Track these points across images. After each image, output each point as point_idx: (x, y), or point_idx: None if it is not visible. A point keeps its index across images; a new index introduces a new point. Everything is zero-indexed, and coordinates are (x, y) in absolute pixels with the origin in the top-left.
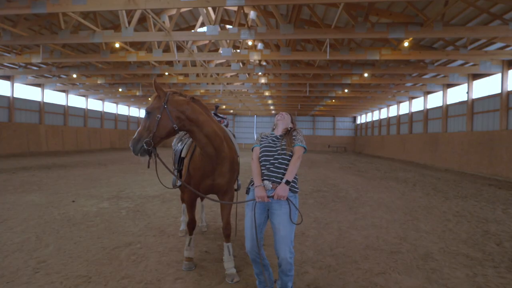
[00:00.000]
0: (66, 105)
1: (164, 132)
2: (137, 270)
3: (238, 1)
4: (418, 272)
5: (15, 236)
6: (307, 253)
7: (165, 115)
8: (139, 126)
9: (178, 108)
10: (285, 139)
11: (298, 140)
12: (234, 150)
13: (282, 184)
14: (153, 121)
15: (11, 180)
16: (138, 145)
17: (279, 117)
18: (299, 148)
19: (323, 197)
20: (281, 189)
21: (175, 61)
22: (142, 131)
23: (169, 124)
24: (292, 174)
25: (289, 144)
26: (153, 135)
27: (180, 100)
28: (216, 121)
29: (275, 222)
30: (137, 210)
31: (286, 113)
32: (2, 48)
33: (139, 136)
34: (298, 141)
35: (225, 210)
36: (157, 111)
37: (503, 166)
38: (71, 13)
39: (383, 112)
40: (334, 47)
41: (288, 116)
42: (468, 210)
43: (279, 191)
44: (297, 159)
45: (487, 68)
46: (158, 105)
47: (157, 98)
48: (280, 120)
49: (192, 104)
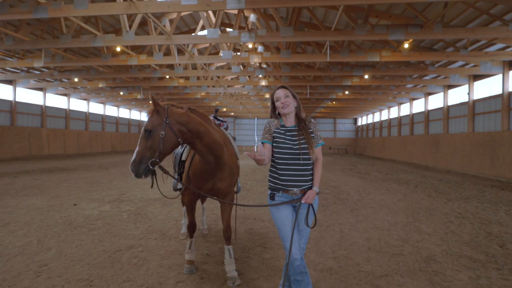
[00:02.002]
0: (68, 109)
1: (170, 148)
2: (139, 274)
3: (238, 4)
4: (420, 275)
5: (17, 240)
6: (309, 256)
7: (169, 130)
8: (137, 146)
9: (179, 121)
10: (303, 134)
11: (317, 137)
12: (234, 154)
13: (313, 191)
14: (157, 139)
15: (13, 184)
16: (142, 166)
17: (283, 104)
18: (320, 150)
19: (325, 199)
20: (313, 196)
21: (176, 64)
22: (143, 151)
23: (174, 139)
24: (319, 181)
25: (311, 144)
26: (159, 153)
27: (179, 113)
28: (216, 128)
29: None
30: (138, 213)
31: (285, 93)
32: (5, 52)
33: (140, 157)
34: (317, 138)
35: (226, 212)
36: (159, 128)
37: (506, 167)
38: (73, 17)
39: (384, 113)
40: (334, 49)
41: (290, 96)
42: (470, 211)
43: (311, 198)
44: (321, 164)
45: (487, 69)
46: (160, 122)
47: (156, 113)
48: (287, 107)
49: (191, 115)
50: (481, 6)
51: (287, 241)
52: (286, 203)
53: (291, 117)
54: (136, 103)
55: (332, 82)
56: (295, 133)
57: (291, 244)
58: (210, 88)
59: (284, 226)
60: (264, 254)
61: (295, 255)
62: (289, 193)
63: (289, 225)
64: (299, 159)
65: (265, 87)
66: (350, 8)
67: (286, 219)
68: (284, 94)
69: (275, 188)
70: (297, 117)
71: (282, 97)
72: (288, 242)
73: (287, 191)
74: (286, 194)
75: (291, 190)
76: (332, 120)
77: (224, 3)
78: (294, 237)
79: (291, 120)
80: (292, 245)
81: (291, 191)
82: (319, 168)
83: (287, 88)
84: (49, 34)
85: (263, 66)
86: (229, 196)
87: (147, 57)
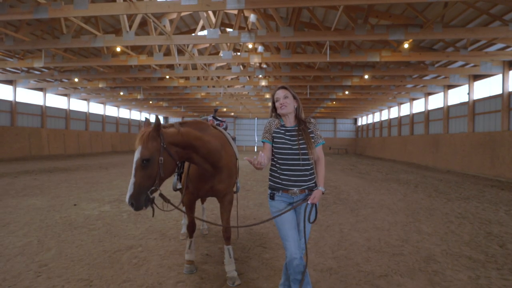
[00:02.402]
0: (68, 109)
1: (170, 173)
2: (139, 274)
3: (238, 5)
4: (420, 275)
5: (17, 240)
6: (308, 256)
7: (167, 155)
8: (132, 177)
9: (174, 142)
10: (302, 135)
11: (317, 137)
12: (233, 154)
13: (319, 191)
14: (156, 166)
15: (13, 184)
16: (142, 198)
17: (281, 105)
18: (321, 149)
19: (324, 199)
20: (319, 196)
21: (176, 64)
22: (141, 182)
23: (173, 163)
24: (323, 179)
25: (310, 145)
26: (159, 180)
27: (173, 133)
28: (213, 131)
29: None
30: (138, 213)
31: (284, 94)
32: (5, 53)
33: (138, 188)
34: (317, 138)
35: (225, 213)
36: (157, 154)
37: (506, 167)
38: (73, 18)
39: (384, 113)
40: (334, 49)
41: (290, 96)
42: (470, 211)
43: (318, 198)
44: (324, 163)
45: (487, 69)
46: (157, 147)
47: (151, 139)
48: (285, 108)
49: (185, 132)
50: (481, 6)
51: (287, 240)
52: (290, 209)
53: (291, 117)
54: (136, 103)
55: (332, 82)
56: (295, 133)
57: (291, 243)
58: (210, 88)
59: (284, 226)
60: (264, 254)
61: (294, 254)
62: (289, 193)
63: (289, 225)
64: (299, 160)
65: (265, 87)
66: (350, 8)
67: (286, 218)
68: (283, 94)
69: (275, 187)
70: (297, 118)
71: (281, 98)
72: (288, 241)
73: (287, 191)
74: (286, 194)
75: (290, 189)
76: (332, 120)
77: (224, 3)
78: (293, 236)
79: (290, 121)
80: (291, 244)
81: (291, 191)
82: (322, 167)
83: (287, 89)
84: (49, 34)
85: (263, 66)
86: (229, 196)
87: (147, 57)
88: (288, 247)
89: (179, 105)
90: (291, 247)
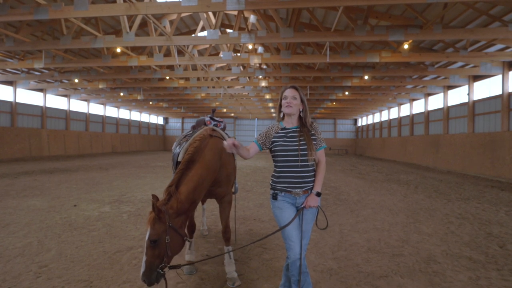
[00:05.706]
0: (68, 110)
1: (177, 251)
2: (138, 275)
3: (238, 6)
4: (420, 275)
5: (17, 241)
6: (309, 257)
7: (173, 233)
8: (144, 255)
9: (178, 213)
10: (303, 136)
11: (319, 140)
12: (231, 156)
13: (313, 195)
14: (163, 246)
15: (13, 185)
16: (153, 275)
17: (288, 104)
18: (322, 153)
19: (324, 199)
20: (313, 201)
21: (176, 65)
22: (151, 260)
23: (180, 239)
24: (321, 183)
25: (310, 147)
26: (167, 258)
27: (175, 207)
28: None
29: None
30: (139, 214)
31: (293, 94)
32: (5, 53)
33: (150, 266)
34: (319, 141)
35: (225, 213)
36: (164, 234)
37: (506, 168)
38: (73, 19)
39: (384, 114)
40: (334, 50)
41: (298, 98)
42: (470, 212)
43: (311, 202)
44: (324, 166)
45: (487, 70)
46: (163, 228)
47: (158, 221)
48: (290, 108)
49: (183, 198)
50: (480, 7)
51: (291, 240)
52: (291, 222)
53: (294, 118)
54: (136, 104)
55: (332, 83)
56: (295, 134)
57: (293, 244)
58: (210, 89)
59: (288, 226)
60: (264, 255)
61: (298, 255)
62: (292, 194)
63: (293, 225)
64: (298, 161)
65: (265, 88)
66: (349, 9)
67: (288, 219)
68: (292, 95)
69: (277, 188)
70: (300, 120)
71: (289, 97)
72: (292, 241)
73: (290, 192)
74: (289, 195)
75: (293, 190)
76: (332, 121)
77: (224, 4)
78: (297, 237)
79: (293, 122)
80: (296, 245)
81: (294, 192)
82: (321, 170)
83: (298, 90)
84: (49, 35)
85: (263, 67)
86: (227, 198)
87: (147, 58)
88: (293, 247)
89: (179, 106)
90: (296, 247)
